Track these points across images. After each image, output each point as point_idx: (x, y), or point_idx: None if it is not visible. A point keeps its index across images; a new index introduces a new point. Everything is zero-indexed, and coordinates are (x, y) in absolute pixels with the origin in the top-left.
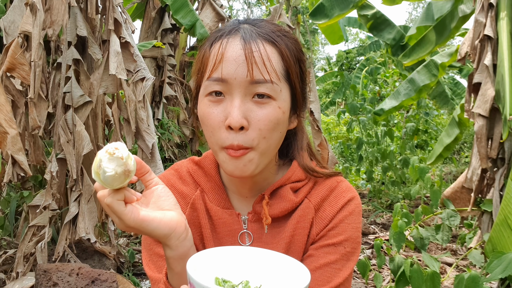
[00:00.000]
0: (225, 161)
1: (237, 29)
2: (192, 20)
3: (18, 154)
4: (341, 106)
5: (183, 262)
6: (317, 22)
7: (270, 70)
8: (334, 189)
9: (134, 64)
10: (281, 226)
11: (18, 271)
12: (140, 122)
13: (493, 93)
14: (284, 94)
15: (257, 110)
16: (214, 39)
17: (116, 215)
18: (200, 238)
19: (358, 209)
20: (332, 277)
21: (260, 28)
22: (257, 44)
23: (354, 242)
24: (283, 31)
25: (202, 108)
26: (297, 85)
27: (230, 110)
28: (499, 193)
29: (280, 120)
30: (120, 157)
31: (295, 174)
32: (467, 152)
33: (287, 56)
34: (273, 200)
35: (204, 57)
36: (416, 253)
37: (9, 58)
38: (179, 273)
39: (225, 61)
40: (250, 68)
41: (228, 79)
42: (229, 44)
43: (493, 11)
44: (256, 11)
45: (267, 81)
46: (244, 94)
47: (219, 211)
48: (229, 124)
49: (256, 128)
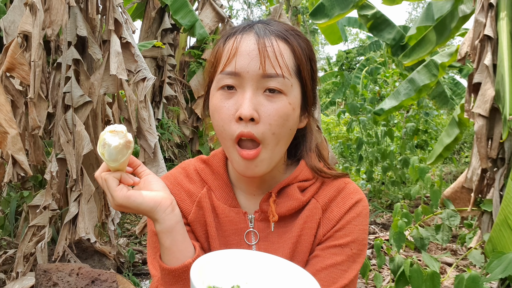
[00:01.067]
0: (237, 161)
1: (251, 27)
2: (191, 20)
3: (18, 154)
4: (341, 106)
5: (171, 236)
6: (317, 22)
7: (282, 64)
8: (341, 190)
9: (135, 64)
10: (287, 226)
11: (18, 271)
12: (142, 122)
13: (493, 93)
14: (295, 90)
15: (267, 104)
16: (228, 35)
17: (109, 191)
18: (206, 236)
19: (366, 211)
20: (338, 278)
21: (273, 26)
22: (270, 40)
23: (361, 244)
24: (296, 30)
25: (213, 102)
26: (308, 83)
27: (241, 102)
28: (499, 193)
29: (290, 116)
30: (121, 131)
31: (302, 173)
32: (467, 152)
33: (299, 53)
34: (280, 198)
35: (217, 52)
36: (416, 253)
37: (8, 58)
38: (168, 247)
39: (239, 55)
40: (262, 61)
41: (241, 72)
42: (243, 39)
43: (493, 11)
44: (256, 11)
45: (278, 75)
46: (256, 88)
47: (226, 209)
48: (239, 115)
49: (266, 123)
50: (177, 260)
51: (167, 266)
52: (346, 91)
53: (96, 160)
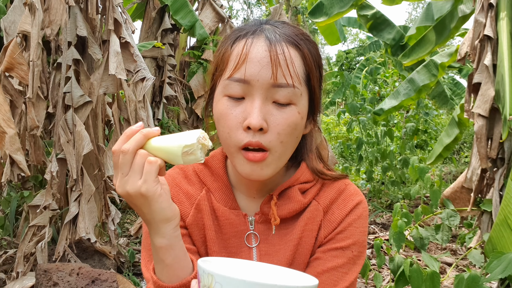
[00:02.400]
0: (242, 164)
1: (261, 30)
2: (191, 20)
3: (16, 154)
4: (341, 106)
5: (174, 253)
6: (316, 20)
7: (293, 74)
8: (342, 191)
9: (134, 64)
10: (288, 228)
11: (18, 271)
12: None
13: (493, 93)
14: (304, 99)
15: (277, 114)
16: (236, 37)
17: (146, 176)
18: (203, 240)
19: (366, 213)
20: (339, 281)
21: (283, 29)
22: (282, 47)
23: (361, 246)
24: (305, 34)
25: (219, 108)
26: (317, 91)
27: (250, 111)
28: (498, 193)
29: (298, 126)
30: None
31: (303, 175)
32: (467, 152)
33: (310, 60)
34: (281, 201)
35: (225, 55)
36: (416, 253)
37: (7, 57)
38: (169, 264)
39: (249, 62)
40: (274, 70)
41: (251, 80)
42: (253, 45)
43: (493, 11)
44: (256, 11)
45: (289, 85)
46: (265, 97)
47: (226, 211)
48: (248, 125)
49: (275, 132)
50: (177, 278)
51: (166, 285)
52: (346, 91)
53: (96, 160)
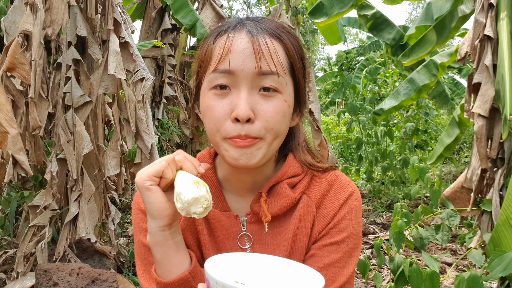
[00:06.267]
0: (229, 150)
1: (242, 24)
2: (192, 20)
3: (19, 154)
4: (341, 106)
5: (161, 250)
6: (316, 20)
7: (277, 63)
8: (333, 183)
9: (133, 64)
10: (281, 226)
11: (18, 271)
12: (139, 122)
13: (493, 93)
14: (289, 89)
15: (263, 103)
16: (218, 34)
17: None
18: (197, 244)
19: (359, 204)
20: (337, 276)
21: (264, 24)
22: (264, 38)
23: (356, 238)
24: (286, 28)
25: (205, 101)
26: (301, 81)
27: (237, 102)
28: (498, 193)
29: (286, 113)
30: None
31: (291, 169)
32: (467, 152)
33: (292, 51)
34: (271, 197)
35: (207, 51)
36: (416, 253)
37: (9, 57)
38: (159, 260)
39: (232, 53)
40: (258, 60)
41: (235, 70)
42: (235, 38)
43: (493, 11)
44: (256, 11)
45: (273, 73)
46: (251, 87)
47: (216, 213)
48: (236, 116)
49: (263, 119)
50: (170, 273)
51: (163, 280)
52: (346, 91)
53: (96, 160)
